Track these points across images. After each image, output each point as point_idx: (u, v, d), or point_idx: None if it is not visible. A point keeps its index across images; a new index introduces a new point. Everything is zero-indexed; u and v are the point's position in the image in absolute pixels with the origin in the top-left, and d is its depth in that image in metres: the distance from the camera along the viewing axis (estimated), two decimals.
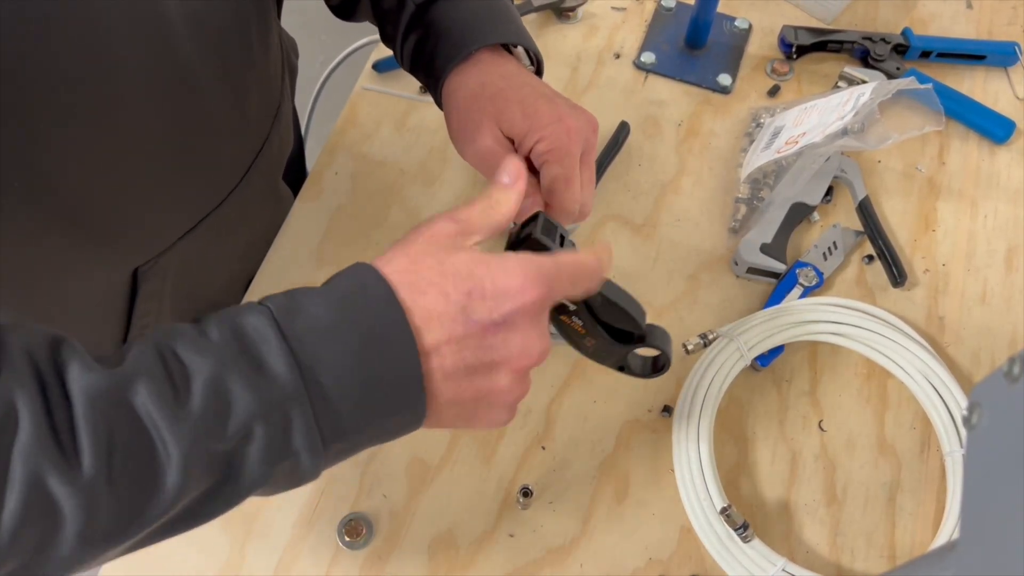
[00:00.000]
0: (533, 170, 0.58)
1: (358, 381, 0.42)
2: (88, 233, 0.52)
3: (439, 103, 0.63)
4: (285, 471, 0.42)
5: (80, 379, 0.38)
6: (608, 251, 0.50)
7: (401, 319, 0.42)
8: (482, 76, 0.59)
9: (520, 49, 0.63)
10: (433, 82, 0.62)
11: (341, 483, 0.65)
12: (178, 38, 0.49)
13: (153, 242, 0.59)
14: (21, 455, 0.36)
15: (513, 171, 0.50)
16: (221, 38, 0.53)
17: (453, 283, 0.43)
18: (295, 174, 0.83)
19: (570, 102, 0.59)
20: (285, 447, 0.41)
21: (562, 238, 0.54)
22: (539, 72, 0.64)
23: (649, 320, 0.73)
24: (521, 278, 0.44)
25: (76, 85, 0.45)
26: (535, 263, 0.45)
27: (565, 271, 0.46)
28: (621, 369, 0.56)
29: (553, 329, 0.70)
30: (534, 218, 0.54)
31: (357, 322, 0.42)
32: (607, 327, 0.53)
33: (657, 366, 0.58)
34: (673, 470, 0.66)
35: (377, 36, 0.85)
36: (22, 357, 0.38)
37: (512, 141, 0.58)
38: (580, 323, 0.53)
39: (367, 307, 0.43)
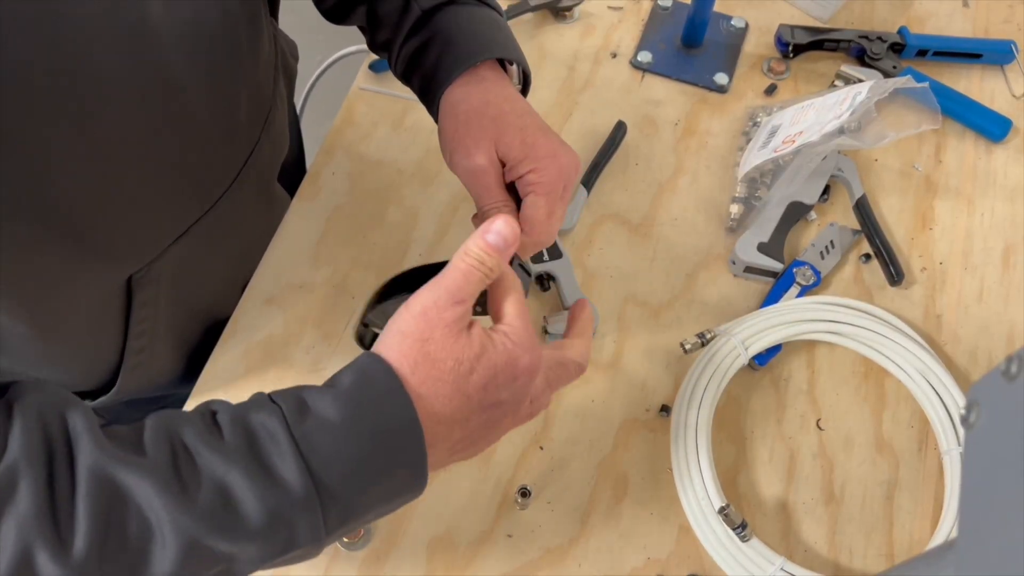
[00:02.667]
0: (514, 195, 0.59)
1: (368, 478, 0.44)
2: (78, 242, 0.52)
3: (433, 110, 0.63)
4: (283, 562, 0.44)
5: (89, 456, 0.38)
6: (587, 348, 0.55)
7: (412, 417, 0.45)
8: (486, 94, 0.60)
9: (513, 68, 0.64)
10: (432, 89, 0.62)
11: None
12: (162, 44, 0.49)
13: (144, 248, 0.59)
14: (16, 524, 0.36)
15: (507, 235, 0.51)
16: (207, 44, 0.53)
17: (466, 375, 0.46)
18: (295, 176, 0.82)
19: (560, 138, 0.60)
20: (288, 546, 0.43)
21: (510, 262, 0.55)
22: (525, 91, 0.65)
23: (647, 320, 0.73)
24: (526, 363, 0.48)
25: (55, 92, 0.44)
26: (538, 354, 0.49)
27: (568, 369, 0.52)
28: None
29: (550, 329, 0.71)
30: None
31: (367, 419, 0.44)
32: None
33: None
34: (671, 469, 0.66)
35: None
36: (35, 423, 0.39)
37: (503, 164, 0.59)
38: None
39: (376, 403, 0.45)
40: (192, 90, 0.53)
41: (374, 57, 0.86)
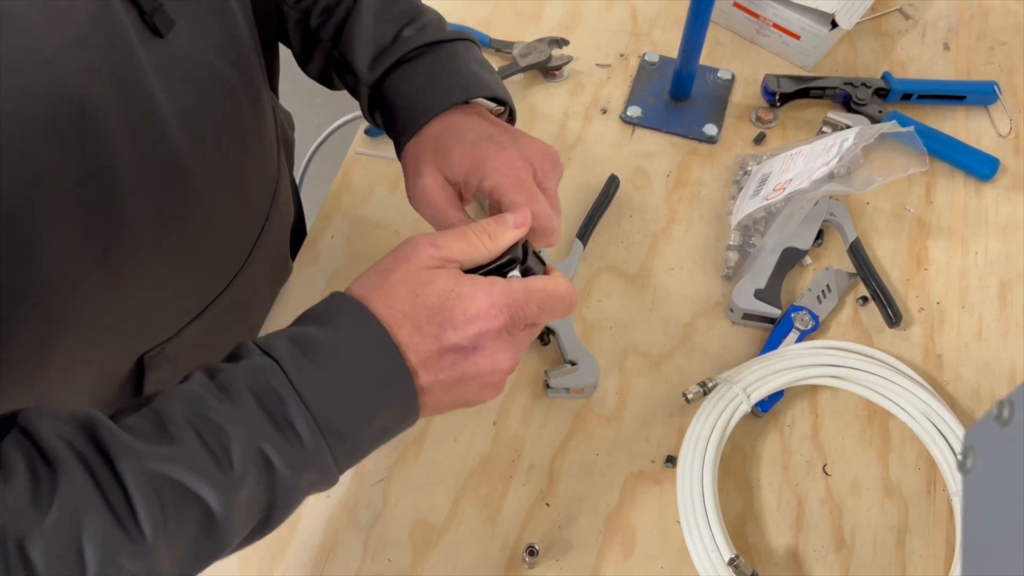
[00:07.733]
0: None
1: (367, 421, 0.46)
2: (91, 328, 0.52)
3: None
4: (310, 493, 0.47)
5: (127, 460, 0.40)
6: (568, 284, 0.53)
7: (398, 359, 0.46)
8: (430, 132, 0.60)
9: (481, 99, 0.63)
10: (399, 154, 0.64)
11: (345, 548, 0.65)
12: (171, 133, 0.50)
13: (159, 330, 0.59)
14: (93, 542, 0.39)
15: (521, 217, 0.52)
16: (214, 129, 0.54)
17: (426, 316, 0.47)
18: (296, 240, 0.83)
19: (518, 133, 0.59)
20: (322, 484, 0.47)
21: (524, 250, 0.54)
22: (511, 114, 0.65)
23: (648, 370, 0.74)
24: (487, 305, 0.48)
25: (68, 184, 0.45)
26: (503, 290, 0.49)
27: (534, 298, 0.50)
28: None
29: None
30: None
31: (360, 367, 0.46)
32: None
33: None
34: (679, 521, 0.66)
35: None
36: (65, 451, 0.40)
37: (456, 187, 0.58)
38: None
39: (367, 353, 0.46)
40: (202, 174, 0.54)
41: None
